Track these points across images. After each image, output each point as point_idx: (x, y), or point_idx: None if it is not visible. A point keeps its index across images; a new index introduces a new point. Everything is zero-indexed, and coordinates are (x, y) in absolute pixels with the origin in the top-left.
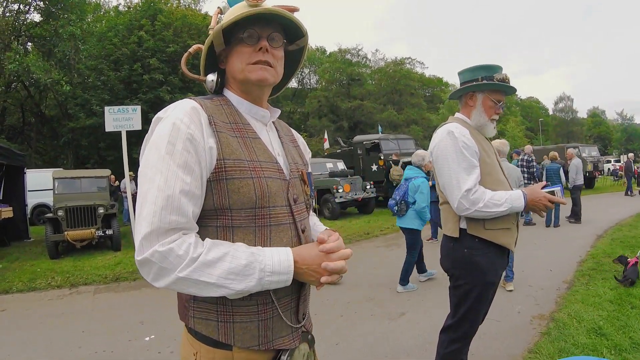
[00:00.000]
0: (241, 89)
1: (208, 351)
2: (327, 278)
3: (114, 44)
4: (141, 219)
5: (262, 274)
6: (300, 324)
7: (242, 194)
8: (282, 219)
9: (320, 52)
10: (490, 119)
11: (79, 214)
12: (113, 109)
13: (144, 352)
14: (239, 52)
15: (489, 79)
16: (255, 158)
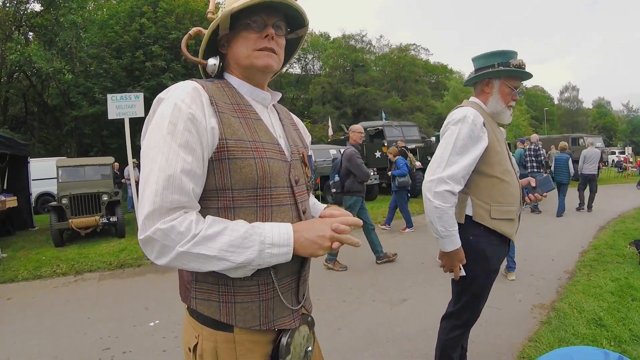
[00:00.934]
0: (244, 74)
1: (210, 333)
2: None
3: (116, 31)
4: (144, 199)
5: (262, 246)
6: (300, 304)
7: (244, 174)
8: (284, 199)
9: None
10: (507, 105)
11: (83, 202)
12: (115, 97)
13: (149, 337)
14: (245, 38)
15: (505, 65)
16: (257, 139)
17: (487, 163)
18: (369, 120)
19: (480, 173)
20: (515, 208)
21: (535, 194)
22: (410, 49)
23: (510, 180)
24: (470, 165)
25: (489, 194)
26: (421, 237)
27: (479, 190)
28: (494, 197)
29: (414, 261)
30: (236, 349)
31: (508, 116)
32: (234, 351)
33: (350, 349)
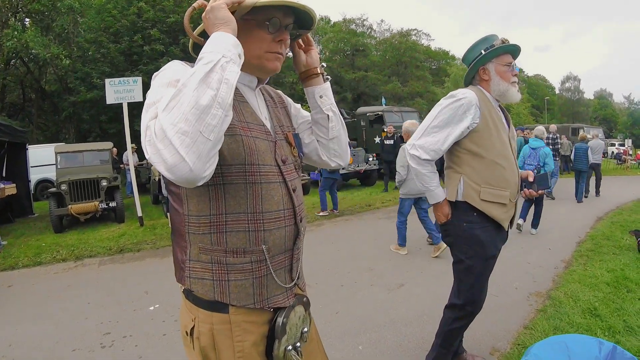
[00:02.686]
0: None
1: (206, 315)
2: None
3: (113, 15)
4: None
5: (229, 45)
6: (293, 282)
7: (232, 150)
8: (272, 177)
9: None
10: (510, 82)
11: (82, 188)
12: (114, 81)
13: (149, 321)
14: (259, 38)
15: (490, 47)
16: (243, 119)
17: (481, 145)
18: (369, 105)
19: (473, 154)
20: (507, 193)
21: (530, 190)
22: (411, 34)
23: (506, 165)
24: (444, 139)
25: (480, 175)
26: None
27: (471, 170)
28: (486, 178)
29: (411, 246)
30: (232, 330)
31: (515, 92)
32: (230, 332)
33: (348, 333)
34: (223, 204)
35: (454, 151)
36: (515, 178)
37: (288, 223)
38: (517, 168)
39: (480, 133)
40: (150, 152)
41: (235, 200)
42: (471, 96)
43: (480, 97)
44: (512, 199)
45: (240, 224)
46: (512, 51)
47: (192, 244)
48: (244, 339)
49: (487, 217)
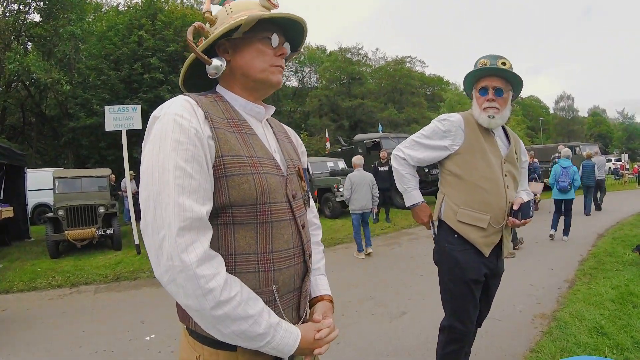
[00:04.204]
0: (247, 86)
1: (211, 353)
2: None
3: (114, 43)
4: (157, 224)
5: (267, 347)
6: (300, 320)
7: (243, 190)
8: (283, 215)
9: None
10: (482, 109)
11: (79, 213)
12: (113, 109)
13: (145, 352)
14: (261, 52)
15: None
16: (253, 154)
17: (462, 167)
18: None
19: (454, 175)
20: (487, 217)
21: (513, 219)
22: (405, 61)
23: (490, 189)
24: (423, 150)
25: (460, 196)
26: (419, 248)
27: (452, 191)
28: (465, 200)
29: (412, 273)
30: None
31: (484, 119)
32: None
33: None
34: (232, 244)
35: (441, 173)
36: (501, 203)
37: (297, 261)
38: (507, 194)
39: (462, 155)
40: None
41: (245, 241)
42: (455, 119)
43: (467, 121)
44: (495, 224)
45: (250, 265)
46: (488, 74)
47: None
48: None
49: (467, 241)
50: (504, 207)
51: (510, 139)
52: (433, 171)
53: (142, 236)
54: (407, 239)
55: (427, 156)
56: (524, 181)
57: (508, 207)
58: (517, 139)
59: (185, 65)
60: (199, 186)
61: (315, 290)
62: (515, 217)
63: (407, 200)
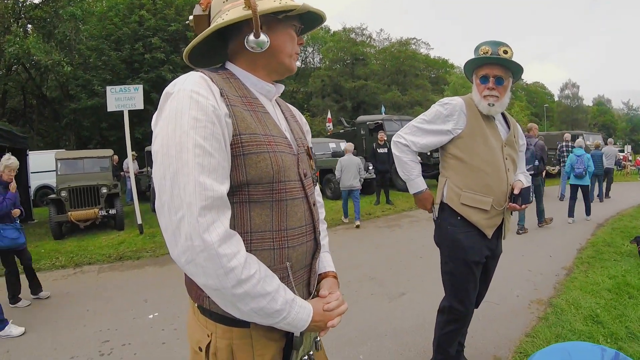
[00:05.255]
0: (268, 67)
1: (225, 331)
2: (326, 331)
3: (115, 23)
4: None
5: (282, 322)
6: (310, 296)
7: (260, 169)
8: (296, 193)
9: (324, 31)
10: (482, 96)
11: (82, 195)
12: (115, 89)
13: (148, 330)
14: (291, 37)
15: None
16: (268, 132)
17: (464, 150)
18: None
19: (457, 159)
20: (490, 200)
21: (514, 204)
22: (410, 43)
23: (491, 172)
24: (425, 135)
25: (463, 180)
26: (419, 231)
27: (454, 174)
28: (467, 183)
29: (412, 255)
30: (253, 344)
31: (484, 106)
32: (251, 347)
33: (349, 343)
34: (248, 222)
35: (442, 156)
36: (503, 186)
37: (309, 238)
38: (508, 177)
39: (464, 139)
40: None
41: (260, 219)
42: (457, 102)
43: (468, 104)
44: (497, 206)
45: (266, 242)
46: (490, 63)
47: None
48: (264, 353)
49: (470, 223)
50: (506, 189)
51: (509, 124)
52: (435, 154)
53: (157, 216)
54: (408, 221)
55: (430, 141)
56: (522, 164)
57: (509, 189)
58: (515, 123)
59: (205, 34)
60: (218, 165)
61: (320, 267)
62: (516, 202)
63: (410, 187)
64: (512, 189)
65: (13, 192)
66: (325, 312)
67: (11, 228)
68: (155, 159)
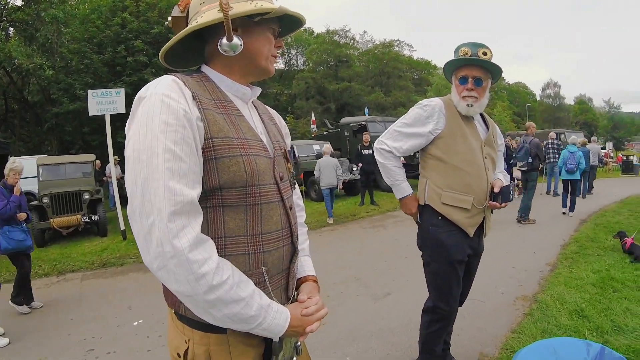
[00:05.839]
0: (245, 70)
1: (202, 337)
2: (305, 337)
3: (97, 26)
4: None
5: (258, 328)
6: (289, 301)
7: (233, 173)
8: (271, 197)
9: (308, 34)
10: (461, 96)
11: (64, 201)
12: (96, 93)
13: (133, 337)
14: (269, 40)
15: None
16: (242, 135)
17: (444, 150)
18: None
19: (437, 159)
20: (470, 198)
21: (494, 202)
22: (394, 44)
23: (471, 171)
24: (407, 139)
25: (443, 179)
26: (404, 231)
27: (435, 174)
28: (448, 183)
29: (396, 255)
30: (230, 350)
31: (463, 107)
32: (228, 353)
33: (335, 344)
34: (222, 227)
35: (422, 157)
36: (483, 185)
37: (286, 243)
38: (488, 176)
39: (444, 139)
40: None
41: (234, 223)
42: (436, 104)
43: (447, 105)
44: (478, 205)
45: (240, 247)
46: (470, 64)
47: None
48: (242, 359)
49: (452, 222)
50: (486, 188)
51: (488, 124)
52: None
53: (130, 222)
54: (392, 221)
55: (412, 145)
56: (501, 163)
57: (489, 188)
58: (494, 124)
59: (179, 36)
60: (188, 169)
61: (300, 271)
62: (496, 200)
63: (396, 192)
64: (492, 188)
65: (18, 194)
66: (304, 317)
67: (18, 230)
68: (127, 164)
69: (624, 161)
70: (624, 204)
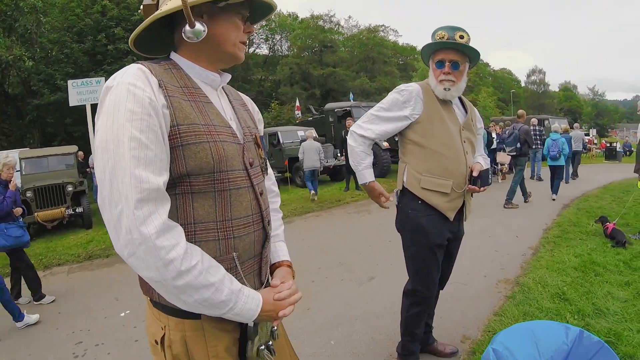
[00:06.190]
0: (212, 57)
1: (177, 323)
2: (278, 321)
3: (77, 14)
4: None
5: (230, 313)
6: (262, 285)
7: (200, 159)
8: (240, 182)
9: (292, 19)
10: (438, 80)
11: (47, 194)
12: (77, 83)
13: (120, 328)
14: (236, 25)
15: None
16: (209, 122)
17: (423, 135)
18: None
19: (415, 144)
20: (450, 182)
21: (473, 186)
22: (379, 30)
23: (450, 155)
24: (384, 123)
25: (422, 164)
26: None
27: (413, 159)
28: (427, 167)
29: (380, 240)
30: (205, 335)
31: (440, 91)
32: (203, 338)
33: (320, 329)
34: (191, 213)
35: (401, 142)
36: (462, 169)
37: (256, 228)
38: (467, 159)
39: (422, 124)
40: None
41: (203, 209)
42: (413, 88)
43: (425, 89)
44: (457, 188)
45: (210, 233)
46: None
47: None
48: (217, 344)
49: (431, 206)
50: (465, 172)
51: (466, 107)
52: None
53: (100, 211)
54: (377, 206)
55: (389, 128)
56: (480, 147)
57: (468, 172)
58: (472, 107)
59: (144, 24)
60: (155, 157)
61: (274, 256)
62: (475, 184)
63: (359, 178)
64: (471, 172)
65: (13, 189)
66: (276, 301)
67: (15, 226)
68: (96, 154)
69: (608, 148)
70: (607, 189)
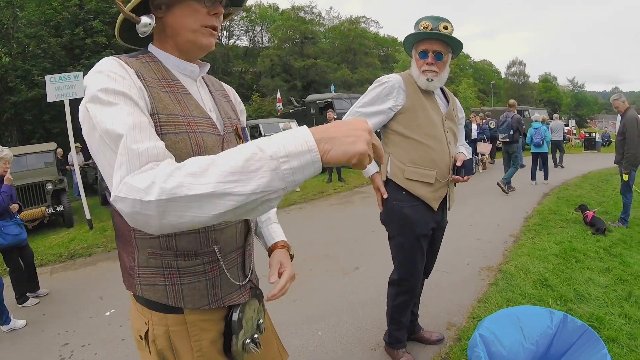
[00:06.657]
0: (177, 47)
1: (160, 318)
2: None
3: (54, 7)
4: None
5: (274, 163)
6: (247, 279)
7: (179, 150)
8: None
9: (273, 10)
10: (421, 71)
11: (27, 193)
12: (54, 78)
13: (106, 327)
14: (194, 10)
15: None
16: (188, 113)
17: (406, 126)
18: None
19: (398, 134)
20: (434, 173)
21: (457, 176)
22: (360, 21)
23: (434, 145)
24: (368, 118)
25: (406, 154)
26: (371, 206)
27: (397, 150)
28: (411, 158)
29: (364, 230)
30: (189, 330)
31: (422, 81)
32: (187, 332)
33: (306, 320)
34: None
35: (384, 133)
36: (446, 159)
37: (237, 220)
38: (450, 149)
39: (405, 114)
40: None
41: None
42: (394, 80)
43: (406, 80)
44: (441, 178)
45: None
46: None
47: (140, 249)
48: (201, 338)
49: (416, 197)
50: (448, 162)
51: (448, 97)
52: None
53: None
54: (360, 197)
55: (374, 122)
56: (462, 137)
57: (452, 162)
58: (454, 97)
59: (118, 23)
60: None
61: (269, 239)
62: (459, 174)
63: (365, 173)
64: (454, 161)
65: (9, 184)
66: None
67: (12, 224)
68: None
69: (587, 138)
70: (586, 178)
